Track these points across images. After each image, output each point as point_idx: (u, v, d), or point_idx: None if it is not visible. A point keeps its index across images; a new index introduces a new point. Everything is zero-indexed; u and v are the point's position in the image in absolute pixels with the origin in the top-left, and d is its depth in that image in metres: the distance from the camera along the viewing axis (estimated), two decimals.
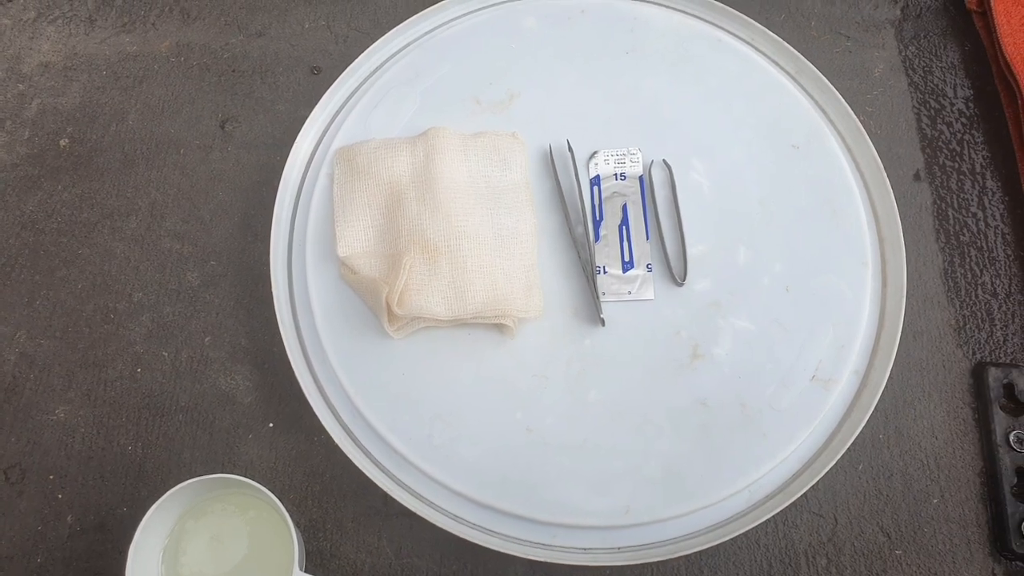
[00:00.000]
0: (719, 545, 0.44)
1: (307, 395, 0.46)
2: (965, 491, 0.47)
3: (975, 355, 0.50)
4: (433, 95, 0.53)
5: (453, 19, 0.56)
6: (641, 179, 0.51)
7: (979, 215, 0.53)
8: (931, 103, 0.56)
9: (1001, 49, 0.55)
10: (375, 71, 0.54)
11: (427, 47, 0.55)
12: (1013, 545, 0.45)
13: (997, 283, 0.52)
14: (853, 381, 0.47)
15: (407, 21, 0.55)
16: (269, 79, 0.57)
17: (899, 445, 0.48)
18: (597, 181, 0.51)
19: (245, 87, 0.57)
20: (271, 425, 0.49)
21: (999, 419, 0.48)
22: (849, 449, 0.45)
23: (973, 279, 0.52)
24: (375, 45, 0.54)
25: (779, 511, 0.44)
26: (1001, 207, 0.54)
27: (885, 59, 0.58)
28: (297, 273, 0.49)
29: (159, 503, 0.40)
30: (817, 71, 0.53)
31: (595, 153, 0.52)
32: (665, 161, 0.51)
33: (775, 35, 0.54)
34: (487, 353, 0.47)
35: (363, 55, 0.54)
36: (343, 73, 0.54)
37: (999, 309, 0.51)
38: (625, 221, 0.50)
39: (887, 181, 0.50)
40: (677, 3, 0.56)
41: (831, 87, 0.53)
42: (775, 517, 0.46)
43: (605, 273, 0.49)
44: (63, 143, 0.56)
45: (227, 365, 0.50)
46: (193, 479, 0.41)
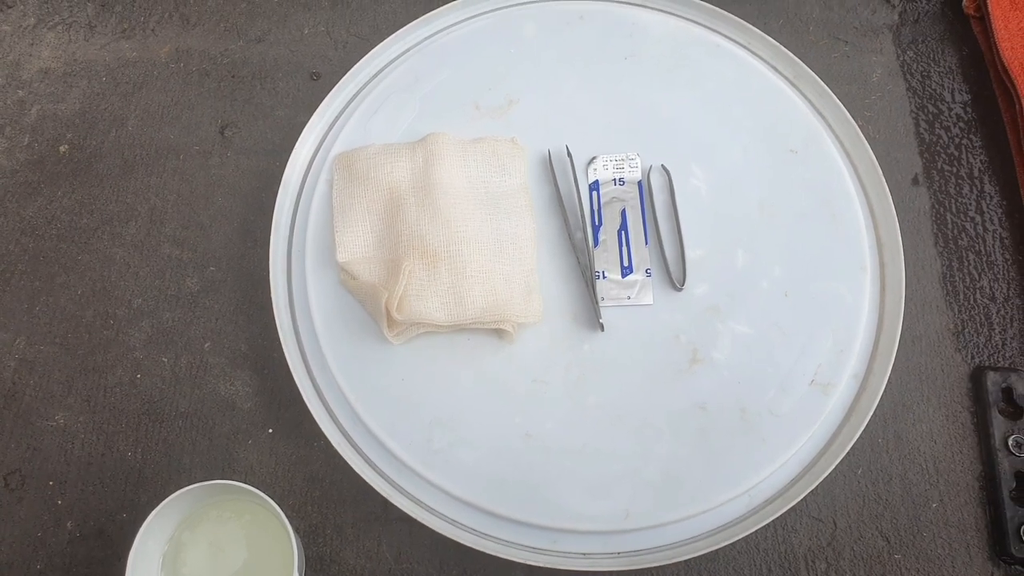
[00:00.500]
0: (719, 550, 0.44)
1: (306, 401, 0.46)
2: (964, 495, 0.47)
3: (974, 359, 0.50)
4: (432, 100, 0.53)
5: (452, 24, 0.56)
6: (640, 184, 0.51)
7: (977, 219, 0.53)
8: (929, 108, 0.57)
9: (999, 54, 0.55)
10: (374, 77, 0.55)
11: (426, 53, 0.55)
12: (1012, 549, 0.45)
13: (995, 287, 0.52)
14: (852, 385, 0.47)
15: (406, 27, 0.55)
16: (268, 85, 0.58)
17: (898, 449, 0.48)
18: (596, 186, 0.51)
19: (244, 93, 0.57)
20: (271, 431, 0.49)
21: (998, 423, 0.48)
22: (848, 453, 0.45)
23: (971, 283, 0.52)
24: (374, 51, 0.55)
25: (778, 516, 0.44)
26: (999, 211, 0.54)
27: (883, 64, 0.58)
28: (296, 279, 0.49)
29: (159, 509, 0.40)
30: (815, 76, 0.53)
31: (594, 158, 0.52)
32: (664, 166, 0.51)
33: (773, 40, 0.54)
34: (486, 358, 0.47)
35: (362, 61, 0.54)
36: (342, 79, 0.54)
37: (997, 313, 0.51)
38: (624, 226, 0.50)
39: (885, 185, 0.50)
40: (675, 8, 0.56)
41: (829, 92, 0.53)
42: (774, 522, 0.46)
43: (604, 278, 0.49)
44: (63, 149, 0.56)
45: (227, 371, 0.50)
46: (193, 485, 0.41)
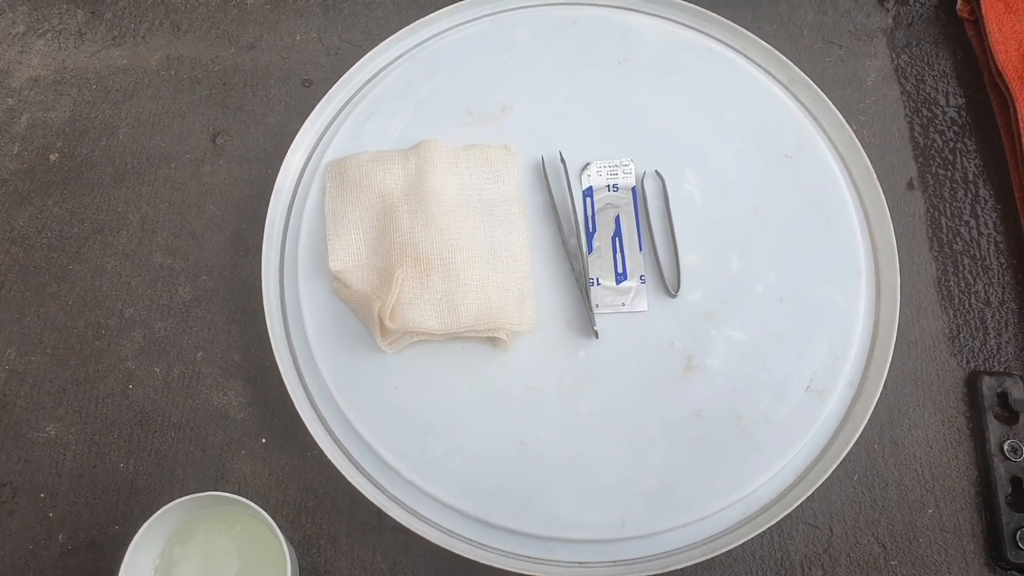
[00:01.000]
0: (715, 558, 0.44)
1: (300, 410, 0.46)
2: (960, 501, 0.47)
3: (969, 364, 0.50)
4: (425, 107, 0.53)
5: (445, 30, 0.56)
6: (634, 190, 0.51)
7: (972, 224, 0.53)
8: (923, 111, 0.56)
9: (993, 57, 0.55)
10: (367, 83, 0.54)
11: (419, 59, 0.54)
12: (1008, 555, 0.45)
13: (991, 292, 0.52)
14: (848, 391, 0.47)
15: (399, 33, 0.55)
16: (260, 92, 0.57)
17: (894, 455, 0.48)
18: (590, 192, 0.51)
19: (236, 100, 0.57)
20: (264, 441, 0.48)
21: (993, 428, 0.48)
22: (844, 460, 0.45)
23: (967, 288, 0.52)
24: (367, 57, 0.54)
25: (775, 523, 0.44)
26: (994, 215, 0.54)
27: (877, 68, 0.58)
28: (289, 287, 0.49)
29: (151, 521, 0.40)
30: (809, 80, 0.53)
31: (587, 165, 0.52)
32: (657, 172, 0.51)
33: (767, 44, 0.54)
34: (480, 367, 0.47)
35: (355, 67, 0.54)
36: (335, 85, 0.53)
37: (992, 318, 0.51)
38: (618, 232, 0.50)
39: (880, 190, 0.50)
40: (669, 13, 0.56)
41: (823, 96, 0.53)
42: (771, 529, 0.46)
43: (598, 285, 0.49)
44: (53, 158, 0.55)
45: (219, 381, 0.50)
46: (184, 497, 0.40)
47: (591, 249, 0.50)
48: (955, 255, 0.53)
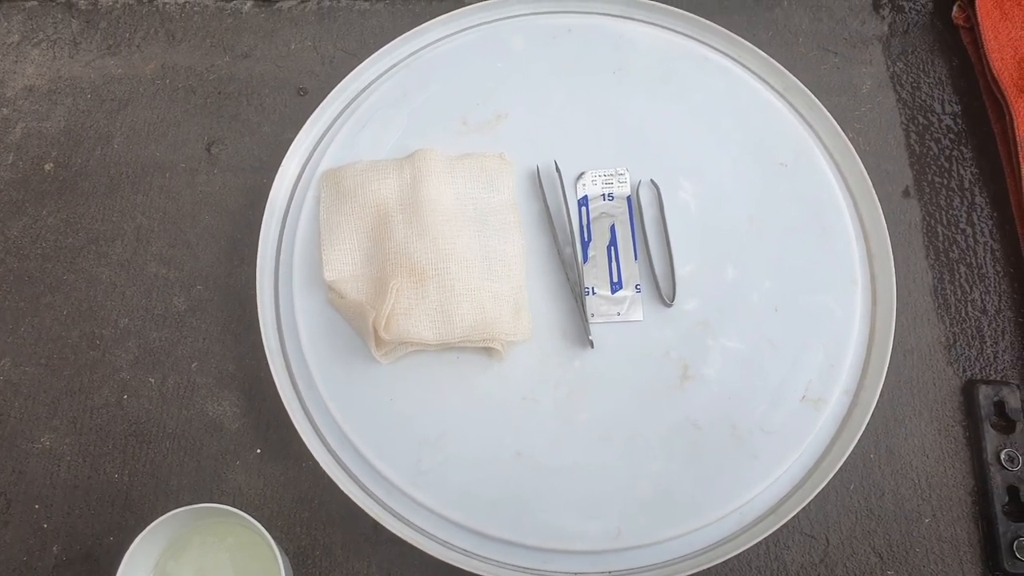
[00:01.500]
0: (711, 568, 0.44)
1: (294, 421, 0.46)
2: (957, 510, 0.47)
3: (965, 373, 0.50)
4: (420, 116, 0.53)
5: (440, 39, 0.56)
6: (629, 199, 0.51)
7: (968, 231, 0.53)
8: (919, 119, 0.56)
9: (988, 64, 0.55)
10: (362, 92, 0.54)
11: (414, 68, 0.54)
12: (1005, 564, 0.45)
13: (987, 300, 0.52)
14: (843, 400, 0.47)
15: (393, 41, 0.55)
16: (255, 101, 0.57)
17: (890, 464, 0.48)
18: (585, 202, 0.51)
19: (231, 109, 0.57)
20: (259, 451, 0.48)
21: (990, 437, 0.48)
22: (840, 469, 0.45)
23: (963, 296, 0.52)
24: (361, 66, 0.54)
25: (771, 533, 0.44)
26: (990, 223, 0.53)
27: (873, 75, 0.58)
28: (284, 297, 0.49)
29: (145, 533, 0.40)
30: (805, 88, 0.53)
31: (583, 174, 0.52)
32: (653, 181, 0.51)
33: (762, 52, 0.54)
34: (475, 377, 0.47)
35: (350, 76, 0.54)
36: (329, 94, 0.53)
37: (989, 326, 0.51)
38: (613, 242, 0.50)
39: (876, 198, 0.50)
40: (664, 21, 0.56)
41: (819, 104, 0.53)
42: (767, 539, 0.46)
43: (594, 294, 0.49)
44: (48, 167, 0.55)
45: (214, 391, 0.49)
46: (179, 509, 0.40)
47: (586, 258, 0.50)
48: (951, 263, 0.53)
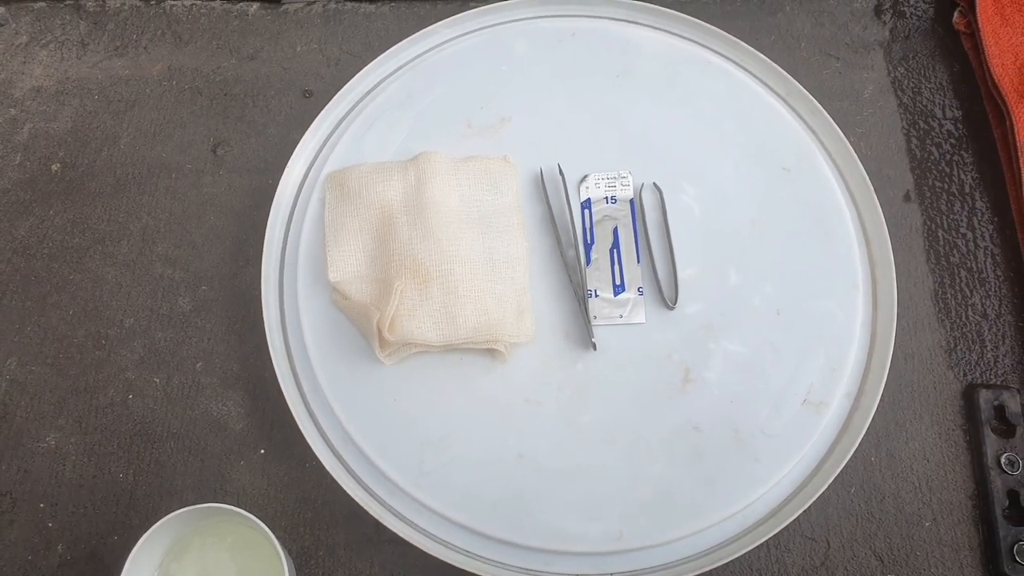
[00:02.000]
0: (712, 570, 0.44)
1: (298, 421, 0.46)
2: (957, 514, 0.47)
3: (966, 377, 0.50)
4: (425, 119, 0.53)
5: (445, 42, 0.56)
6: (632, 202, 0.51)
7: (969, 236, 0.54)
8: (920, 124, 0.57)
9: (989, 70, 0.55)
10: (367, 94, 0.55)
11: (419, 70, 0.55)
12: (1005, 568, 0.45)
13: (987, 304, 0.52)
14: (845, 404, 0.47)
15: (399, 44, 0.55)
16: (261, 102, 0.57)
17: (891, 468, 0.48)
18: (588, 204, 0.51)
19: (237, 111, 0.57)
20: (263, 451, 0.48)
21: (990, 441, 0.48)
22: (841, 472, 0.45)
23: (963, 300, 0.52)
24: (367, 68, 0.55)
25: (772, 535, 0.44)
26: (990, 228, 0.54)
27: (875, 80, 0.58)
28: (289, 298, 0.49)
29: (150, 533, 0.40)
30: (807, 92, 0.54)
31: (586, 176, 0.52)
32: (656, 184, 0.52)
33: (765, 57, 0.55)
34: (478, 378, 0.47)
35: (355, 78, 0.54)
36: (335, 96, 0.54)
37: (989, 330, 0.51)
38: (616, 244, 0.50)
39: (877, 202, 0.51)
40: (667, 25, 0.56)
41: (821, 108, 0.53)
42: (768, 542, 0.46)
43: (596, 297, 0.49)
44: (55, 168, 0.56)
45: (219, 391, 0.50)
46: (184, 508, 0.40)
47: (589, 261, 0.50)
48: (952, 267, 0.53)
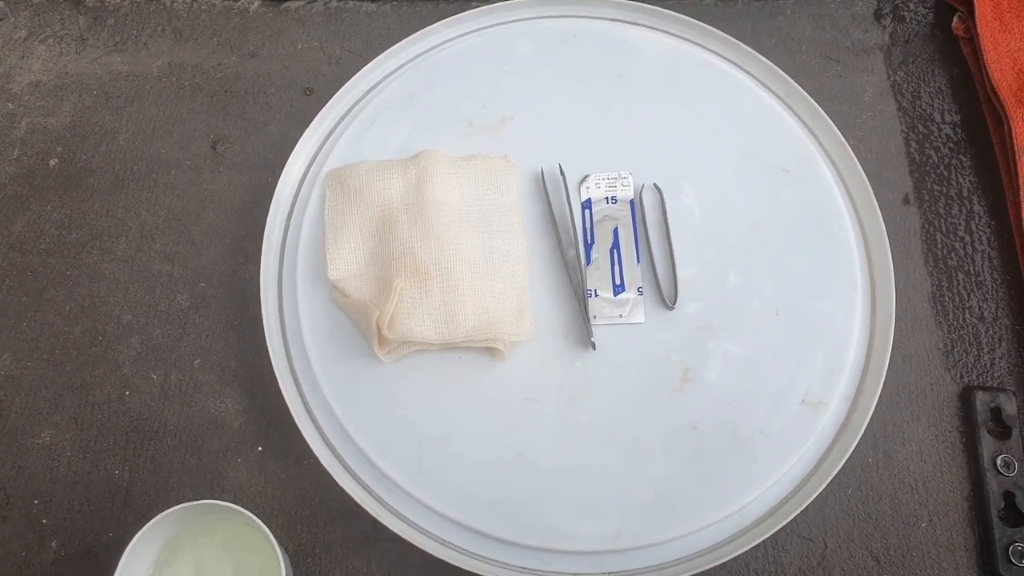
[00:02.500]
0: (709, 570, 0.44)
1: (296, 419, 0.46)
2: (953, 515, 0.47)
3: (963, 379, 0.50)
4: (426, 117, 0.53)
5: (446, 41, 0.56)
6: (632, 203, 0.51)
7: (966, 239, 0.54)
8: (919, 128, 0.57)
9: (988, 75, 0.55)
10: (368, 93, 0.55)
11: (420, 69, 0.55)
12: (1000, 569, 0.45)
13: (984, 307, 0.52)
14: (843, 405, 0.47)
15: (400, 43, 0.55)
16: (261, 100, 0.57)
17: (888, 469, 0.48)
18: (588, 204, 0.51)
19: (237, 108, 0.57)
20: (260, 449, 0.48)
21: (986, 443, 0.48)
22: (839, 473, 0.45)
23: (961, 303, 0.52)
24: (368, 66, 0.55)
25: (769, 535, 0.44)
26: (988, 231, 0.54)
27: (874, 84, 0.58)
28: (288, 296, 0.49)
29: (145, 530, 0.40)
30: (807, 95, 0.54)
31: (586, 177, 0.52)
32: (656, 185, 0.52)
33: (766, 59, 0.55)
34: (478, 377, 0.47)
35: (356, 76, 0.54)
36: (336, 94, 0.54)
37: (986, 333, 0.51)
38: (616, 244, 0.50)
39: (876, 205, 0.51)
40: (669, 27, 0.57)
41: (821, 111, 0.53)
42: (765, 541, 0.46)
43: (596, 296, 0.49)
44: (53, 163, 0.55)
45: (216, 388, 0.50)
46: (180, 505, 0.40)
47: (589, 260, 0.50)
48: (950, 270, 0.53)
